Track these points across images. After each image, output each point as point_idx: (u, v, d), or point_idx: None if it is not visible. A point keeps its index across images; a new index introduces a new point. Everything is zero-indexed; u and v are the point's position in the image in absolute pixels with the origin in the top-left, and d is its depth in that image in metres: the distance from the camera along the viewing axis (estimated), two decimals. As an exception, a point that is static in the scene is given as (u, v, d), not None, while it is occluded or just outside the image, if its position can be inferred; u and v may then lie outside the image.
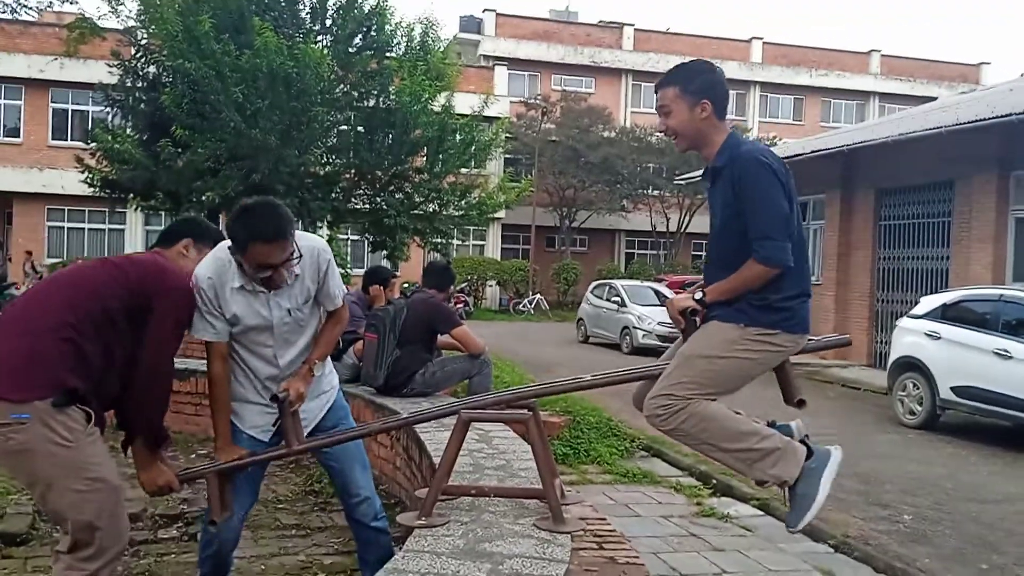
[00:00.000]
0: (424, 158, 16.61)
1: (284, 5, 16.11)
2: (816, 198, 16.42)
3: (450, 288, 5.87)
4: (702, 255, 33.38)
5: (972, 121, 12.17)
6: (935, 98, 27.06)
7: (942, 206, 13.85)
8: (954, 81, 36.54)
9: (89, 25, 16.47)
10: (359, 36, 16.38)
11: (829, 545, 5.21)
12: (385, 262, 17.49)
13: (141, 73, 16.15)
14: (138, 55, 16.23)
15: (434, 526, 2.62)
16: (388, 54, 16.30)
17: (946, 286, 12.56)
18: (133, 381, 2.76)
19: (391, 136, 15.95)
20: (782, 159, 2.79)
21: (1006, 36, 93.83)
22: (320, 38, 16.15)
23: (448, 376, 5.52)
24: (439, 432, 4.09)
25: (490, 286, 29.39)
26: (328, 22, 16.40)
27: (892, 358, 10.18)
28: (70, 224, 26.76)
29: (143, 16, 15.69)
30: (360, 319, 5.94)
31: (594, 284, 20.50)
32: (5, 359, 2.58)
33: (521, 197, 19.44)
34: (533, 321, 25.27)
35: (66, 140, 25.97)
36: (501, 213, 21.81)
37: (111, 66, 16.44)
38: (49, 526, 4.31)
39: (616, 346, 17.34)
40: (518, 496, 2.95)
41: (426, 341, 5.52)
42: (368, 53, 16.06)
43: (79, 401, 2.61)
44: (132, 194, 16.68)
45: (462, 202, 17.09)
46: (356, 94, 16.22)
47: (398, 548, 2.73)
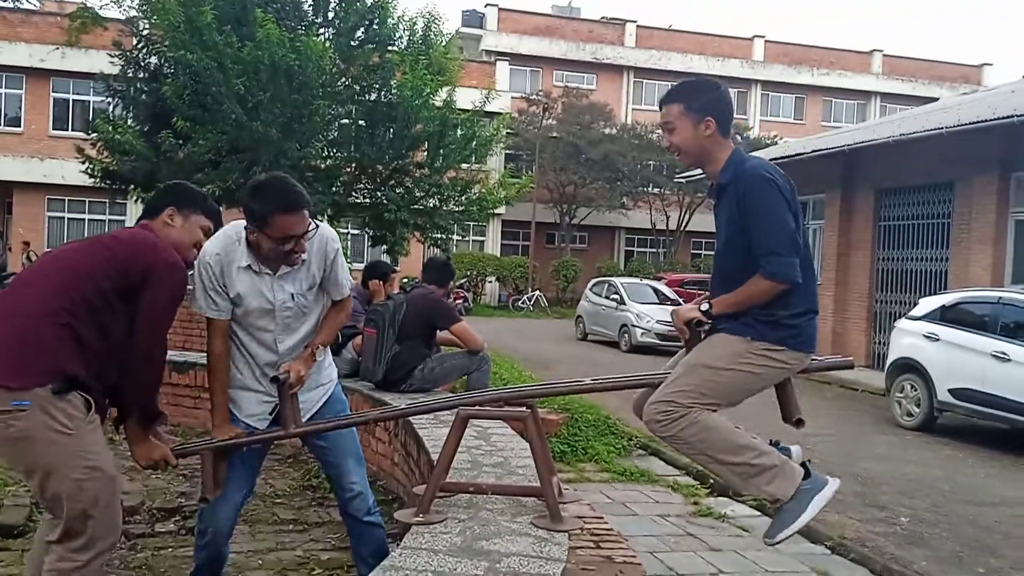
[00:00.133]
0: (425, 153, 16.57)
1: (286, -3, 16.08)
2: (816, 198, 16.41)
3: (450, 284, 5.86)
4: (701, 253, 33.43)
5: (973, 122, 12.16)
6: (937, 99, 27.03)
7: (942, 207, 13.85)
8: (956, 82, 36.51)
9: (91, 15, 16.46)
10: (361, 29, 16.31)
11: (826, 546, 5.21)
12: (385, 257, 17.49)
13: (143, 64, 16.12)
14: (140, 45, 16.19)
15: (431, 523, 2.61)
16: (390, 48, 16.23)
17: (945, 288, 12.57)
18: (128, 358, 2.74)
19: (392, 130, 15.90)
20: (785, 174, 2.78)
21: (1008, 37, 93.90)
22: (322, 31, 16.09)
23: (447, 372, 5.52)
24: (437, 428, 4.09)
25: (489, 282, 29.36)
26: (330, 15, 16.35)
27: (890, 359, 10.18)
28: (70, 214, 26.73)
29: (145, 6, 15.64)
30: (359, 314, 5.93)
31: (593, 281, 20.49)
32: (2, 346, 2.56)
33: (521, 193, 19.38)
34: (532, 318, 25.26)
35: (67, 130, 25.94)
36: (501, 209, 21.77)
37: (112, 56, 16.39)
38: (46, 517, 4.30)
39: (615, 344, 17.32)
40: (516, 494, 2.95)
41: (425, 337, 5.52)
42: (370, 47, 16.01)
43: (79, 388, 2.60)
44: (133, 185, 16.63)
45: (462, 197, 17.04)
46: (358, 88, 16.17)
47: (396, 545, 2.72)
